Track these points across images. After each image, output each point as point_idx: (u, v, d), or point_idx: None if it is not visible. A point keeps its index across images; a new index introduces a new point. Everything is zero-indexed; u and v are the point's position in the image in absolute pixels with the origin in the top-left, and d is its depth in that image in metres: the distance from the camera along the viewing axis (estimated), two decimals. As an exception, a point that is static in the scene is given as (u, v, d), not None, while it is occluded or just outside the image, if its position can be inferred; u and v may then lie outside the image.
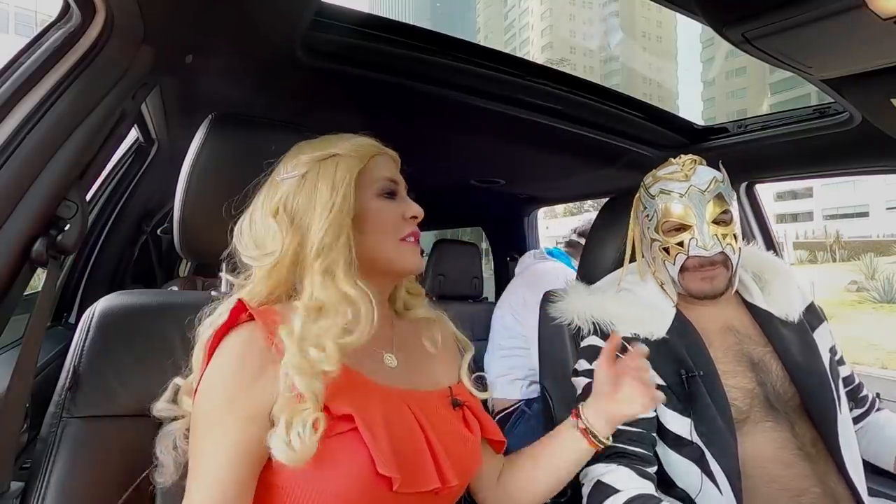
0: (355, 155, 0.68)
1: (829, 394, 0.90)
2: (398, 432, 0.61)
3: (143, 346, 0.74)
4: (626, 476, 0.83)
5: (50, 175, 0.64)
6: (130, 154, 1.62)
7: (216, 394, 0.57)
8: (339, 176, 0.65)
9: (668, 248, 0.97)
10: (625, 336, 0.97)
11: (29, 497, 0.63)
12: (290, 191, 0.66)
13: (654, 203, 0.99)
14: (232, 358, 0.59)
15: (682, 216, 0.96)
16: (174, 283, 2.05)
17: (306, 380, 0.56)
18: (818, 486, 0.85)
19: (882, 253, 18.37)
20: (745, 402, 0.89)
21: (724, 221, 0.95)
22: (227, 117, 0.82)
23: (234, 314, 0.61)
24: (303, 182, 0.66)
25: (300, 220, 0.64)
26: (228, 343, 0.60)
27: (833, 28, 0.69)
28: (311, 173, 0.66)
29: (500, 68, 1.11)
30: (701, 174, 0.97)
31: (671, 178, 0.99)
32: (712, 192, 0.95)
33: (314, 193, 0.65)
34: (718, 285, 0.95)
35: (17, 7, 25.89)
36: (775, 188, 31.82)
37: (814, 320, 1.01)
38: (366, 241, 0.66)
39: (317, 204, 0.64)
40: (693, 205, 0.95)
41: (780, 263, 1.08)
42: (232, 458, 0.55)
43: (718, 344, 0.95)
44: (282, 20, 0.84)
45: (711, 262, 0.94)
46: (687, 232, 0.95)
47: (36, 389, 0.69)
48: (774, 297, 1.00)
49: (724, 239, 0.94)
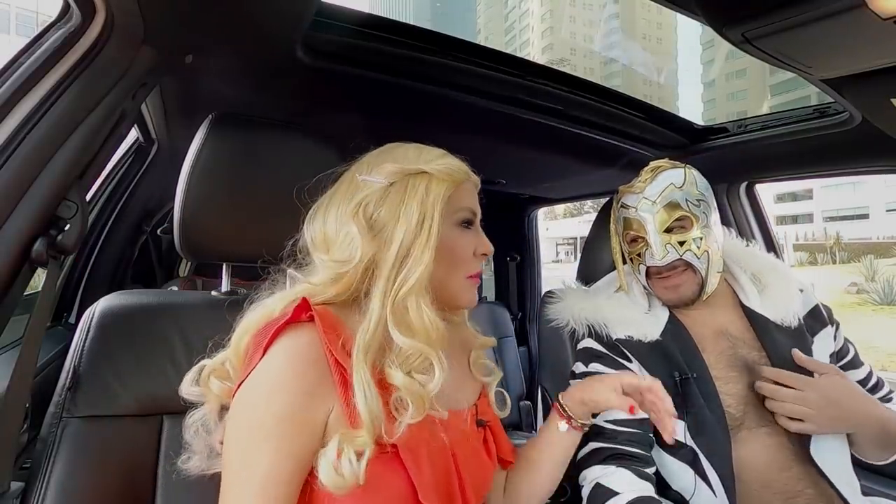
0: (447, 179, 0.65)
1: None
2: (436, 459, 0.60)
3: (143, 346, 0.74)
4: (626, 478, 0.83)
5: (50, 175, 0.64)
6: (130, 154, 1.62)
7: (272, 401, 0.53)
8: (430, 199, 0.63)
9: (632, 258, 1.01)
10: (619, 338, 0.97)
11: (29, 497, 0.63)
12: (372, 196, 0.63)
13: (619, 215, 1.03)
14: (292, 362, 0.55)
15: (635, 228, 0.99)
16: (174, 283, 2.06)
17: (419, 407, 0.55)
18: (812, 487, 0.85)
19: (882, 255, 18.37)
20: (738, 408, 0.89)
21: (680, 227, 0.95)
22: (227, 117, 0.82)
23: (297, 312, 0.58)
24: (388, 191, 0.63)
25: (381, 230, 0.62)
26: (287, 344, 0.56)
27: (833, 28, 0.69)
28: (399, 185, 0.63)
29: (501, 68, 1.11)
30: (657, 183, 0.97)
31: (629, 190, 1.01)
32: (663, 200, 0.96)
33: (400, 208, 0.62)
34: (684, 293, 0.96)
35: (18, 8, 25.92)
36: (775, 190, 31.84)
37: (816, 324, 0.99)
38: (437, 270, 0.62)
39: (402, 220, 0.61)
40: (642, 216, 0.97)
41: (780, 266, 1.07)
42: (283, 472, 0.52)
43: (711, 349, 0.94)
44: (282, 20, 0.84)
45: (672, 268, 0.95)
46: (642, 243, 0.98)
47: (36, 389, 0.69)
48: (772, 300, 0.99)
49: (681, 246, 0.94)
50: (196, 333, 0.77)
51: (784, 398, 0.86)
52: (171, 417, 0.73)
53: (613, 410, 0.90)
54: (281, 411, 0.52)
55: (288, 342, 0.56)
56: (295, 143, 0.86)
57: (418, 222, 0.61)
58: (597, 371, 0.96)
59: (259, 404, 0.53)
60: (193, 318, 0.79)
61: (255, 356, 0.56)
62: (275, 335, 0.56)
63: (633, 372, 0.94)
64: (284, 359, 0.55)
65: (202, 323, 0.78)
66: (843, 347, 1.01)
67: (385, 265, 0.60)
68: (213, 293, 0.86)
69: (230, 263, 0.87)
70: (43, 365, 1.03)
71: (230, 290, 0.87)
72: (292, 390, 0.53)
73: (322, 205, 0.67)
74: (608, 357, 0.97)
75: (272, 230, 0.83)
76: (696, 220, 0.95)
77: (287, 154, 0.85)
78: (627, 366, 0.95)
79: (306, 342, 0.56)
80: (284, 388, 0.53)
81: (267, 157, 0.82)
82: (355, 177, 0.66)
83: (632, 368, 0.95)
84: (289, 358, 0.55)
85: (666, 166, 1.00)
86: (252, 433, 0.53)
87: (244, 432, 0.53)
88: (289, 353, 0.55)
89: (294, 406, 0.53)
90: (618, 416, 0.90)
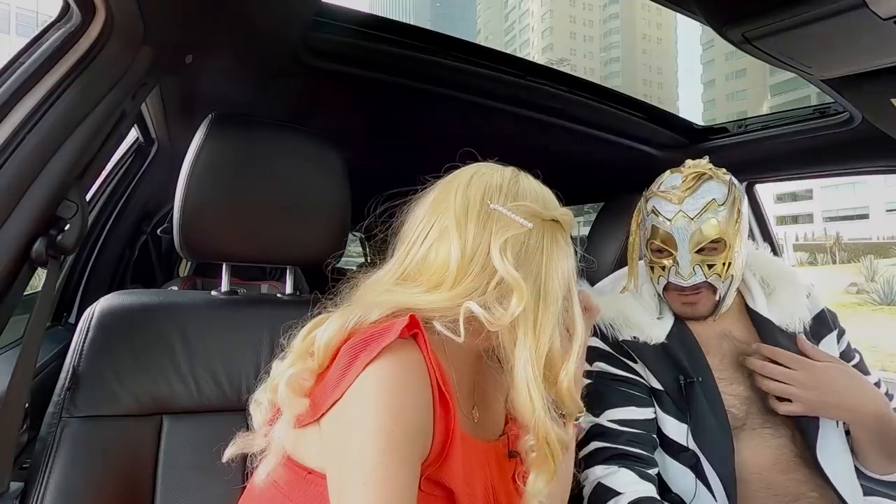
0: (567, 229, 0.63)
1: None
2: (480, 493, 0.58)
3: (143, 346, 0.74)
4: (627, 478, 0.83)
5: (50, 175, 0.64)
6: (130, 154, 1.62)
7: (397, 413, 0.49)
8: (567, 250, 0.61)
9: (653, 267, 0.97)
10: (624, 339, 0.97)
11: (28, 497, 0.63)
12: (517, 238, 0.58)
13: (647, 219, 0.97)
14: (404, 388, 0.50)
15: (666, 241, 0.93)
16: (174, 283, 2.06)
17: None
18: (815, 490, 0.84)
19: (882, 255, 18.37)
20: (741, 409, 0.89)
21: (712, 249, 0.90)
22: (227, 117, 0.82)
23: (406, 330, 0.52)
24: (529, 235, 0.59)
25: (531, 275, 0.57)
26: (393, 364, 0.50)
27: (833, 28, 0.69)
28: (538, 230, 0.59)
29: (501, 68, 1.11)
30: (699, 195, 0.90)
31: (665, 196, 0.93)
32: (704, 218, 0.90)
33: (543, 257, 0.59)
34: (700, 310, 0.94)
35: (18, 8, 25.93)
36: (775, 190, 31.82)
37: (822, 329, 0.98)
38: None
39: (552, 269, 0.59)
40: (678, 231, 0.91)
41: (791, 274, 1.04)
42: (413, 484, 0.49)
43: (716, 351, 0.94)
44: (282, 20, 0.84)
45: (695, 290, 0.92)
46: (669, 258, 0.93)
47: (36, 389, 0.69)
48: (779, 305, 0.98)
49: (709, 269, 0.90)
50: (196, 333, 0.77)
51: (771, 373, 0.85)
52: (170, 417, 0.73)
53: (617, 410, 0.91)
54: (409, 423, 0.49)
55: (397, 363, 0.51)
56: (294, 142, 0.86)
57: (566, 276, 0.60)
58: (601, 370, 0.96)
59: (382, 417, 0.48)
60: (193, 318, 0.79)
61: (346, 374, 0.51)
62: (376, 355, 0.50)
63: (637, 372, 0.95)
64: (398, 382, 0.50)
65: (202, 323, 0.79)
66: (848, 353, 0.99)
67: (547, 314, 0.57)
68: (213, 293, 0.86)
69: (230, 263, 0.87)
70: (43, 365, 1.03)
71: (230, 290, 0.87)
72: (414, 404, 0.50)
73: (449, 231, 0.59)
74: (614, 357, 0.96)
75: (272, 230, 0.83)
76: (731, 243, 0.91)
77: (287, 154, 0.85)
78: (633, 366, 0.95)
79: (416, 364, 0.52)
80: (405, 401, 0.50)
81: (266, 157, 0.82)
82: (486, 204, 0.60)
83: (637, 369, 0.95)
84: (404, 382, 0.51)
85: (710, 174, 0.92)
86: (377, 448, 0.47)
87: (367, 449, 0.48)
88: (405, 377, 0.51)
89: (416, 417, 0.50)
90: (621, 416, 0.90)
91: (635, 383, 0.93)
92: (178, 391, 0.74)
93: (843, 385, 0.85)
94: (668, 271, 0.93)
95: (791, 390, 0.83)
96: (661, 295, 0.99)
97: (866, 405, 0.84)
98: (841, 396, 0.84)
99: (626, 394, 0.92)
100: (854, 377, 0.87)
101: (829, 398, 0.84)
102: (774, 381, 0.85)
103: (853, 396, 0.84)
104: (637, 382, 0.94)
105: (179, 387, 0.74)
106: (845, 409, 0.85)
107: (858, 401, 0.84)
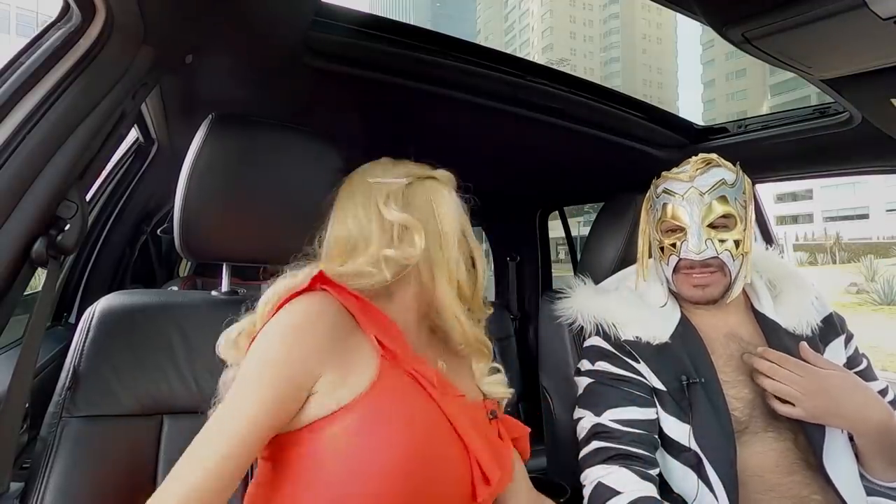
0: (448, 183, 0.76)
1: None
2: (481, 446, 0.63)
3: (143, 345, 0.74)
4: (628, 478, 0.83)
5: (50, 175, 0.64)
6: (130, 154, 1.62)
7: (267, 349, 0.58)
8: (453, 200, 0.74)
9: (663, 248, 0.97)
10: (627, 339, 0.97)
11: (29, 497, 0.63)
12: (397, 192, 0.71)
13: (658, 202, 0.99)
14: (300, 319, 0.60)
15: (676, 217, 0.95)
16: (174, 283, 2.06)
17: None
18: (819, 493, 0.84)
19: (882, 255, 18.36)
20: (744, 412, 0.89)
21: (723, 226, 0.92)
22: (228, 117, 0.82)
23: (313, 282, 0.63)
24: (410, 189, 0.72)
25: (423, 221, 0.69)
26: (297, 305, 0.61)
27: (833, 28, 0.69)
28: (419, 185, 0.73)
29: (501, 68, 1.11)
30: (709, 175, 0.95)
31: (676, 177, 0.97)
32: (714, 194, 0.93)
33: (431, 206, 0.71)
34: (711, 292, 0.94)
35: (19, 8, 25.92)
36: (775, 190, 31.82)
37: (829, 333, 0.98)
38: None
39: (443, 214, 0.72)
40: (689, 206, 0.93)
41: (798, 276, 1.05)
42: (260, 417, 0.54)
43: (721, 352, 0.94)
44: (282, 20, 0.84)
45: (705, 266, 0.92)
46: (681, 233, 0.94)
47: (36, 389, 0.69)
48: (786, 307, 0.97)
49: (720, 244, 0.91)
50: (196, 333, 0.78)
51: (773, 374, 0.85)
52: (171, 417, 0.73)
53: (618, 410, 0.90)
54: (272, 359, 0.57)
55: (298, 304, 0.61)
56: (294, 143, 0.86)
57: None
58: (603, 369, 0.96)
59: (254, 354, 0.58)
60: (193, 318, 0.79)
61: (269, 316, 0.61)
62: (289, 298, 0.61)
63: (639, 372, 0.94)
64: (289, 315, 0.60)
65: (202, 323, 0.79)
66: (856, 358, 0.99)
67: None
68: (213, 293, 0.86)
69: (230, 263, 0.87)
70: (43, 365, 1.03)
71: (230, 290, 0.87)
72: (287, 343, 0.58)
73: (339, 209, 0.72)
74: (616, 356, 0.96)
75: (272, 230, 0.83)
76: (741, 221, 0.93)
77: (286, 154, 0.85)
78: (635, 366, 0.94)
79: (317, 304, 0.61)
80: (281, 340, 0.58)
81: (266, 157, 0.82)
82: (366, 181, 0.72)
83: (639, 369, 0.94)
84: (295, 315, 0.60)
85: (718, 161, 0.97)
86: (241, 380, 0.57)
87: (238, 380, 0.57)
88: (296, 311, 0.60)
89: (286, 356, 0.57)
90: (623, 416, 0.89)
91: (637, 383, 0.93)
92: (178, 391, 0.74)
93: (845, 395, 0.84)
94: (680, 248, 0.93)
95: (794, 394, 0.83)
96: (671, 288, 0.98)
97: (870, 416, 0.83)
98: (843, 406, 0.83)
99: (628, 394, 0.92)
100: (858, 387, 0.86)
101: (831, 406, 0.83)
102: (777, 382, 0.85)
103: (855, 406, 0.83)
104: (639, 382, 0.93)
105: (180, 387, 0.75)
106: (847, 419, 0.84)
107: (861, 411, 0.83)
